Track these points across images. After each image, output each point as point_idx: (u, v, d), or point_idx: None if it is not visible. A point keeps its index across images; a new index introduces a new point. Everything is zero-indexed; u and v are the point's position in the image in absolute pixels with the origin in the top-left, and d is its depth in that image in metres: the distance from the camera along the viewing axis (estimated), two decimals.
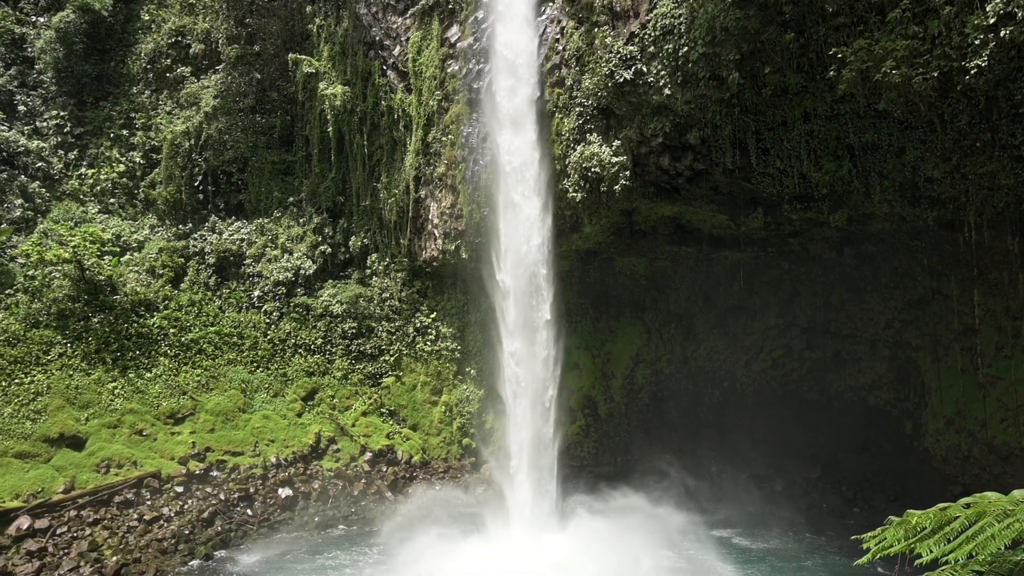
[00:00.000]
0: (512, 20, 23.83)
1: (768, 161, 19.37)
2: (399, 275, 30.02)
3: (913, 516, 5.27)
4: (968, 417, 23.43)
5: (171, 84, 32.23)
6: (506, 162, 23.97)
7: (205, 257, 29.24)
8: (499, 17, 24.27)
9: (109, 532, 20.76)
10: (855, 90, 16.21)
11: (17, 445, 21.80)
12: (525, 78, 23.50)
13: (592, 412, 29.45)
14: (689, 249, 26.22)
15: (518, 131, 23.69)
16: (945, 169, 17.20)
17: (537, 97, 23.38)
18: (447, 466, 28.02)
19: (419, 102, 28.22)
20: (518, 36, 23.75)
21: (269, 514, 23.76)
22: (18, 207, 27.54)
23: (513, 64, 23.75)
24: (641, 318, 30.75)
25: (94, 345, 25.00)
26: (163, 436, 24.28)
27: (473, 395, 28.77)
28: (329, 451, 26.64)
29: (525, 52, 23.59)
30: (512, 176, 23.88)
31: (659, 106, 19.54)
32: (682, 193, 21.85)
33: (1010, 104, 15.04)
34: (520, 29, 23.75)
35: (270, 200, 30.97)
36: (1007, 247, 20.20)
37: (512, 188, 23.93)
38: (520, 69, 23.62)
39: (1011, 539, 4.50)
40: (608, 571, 19.23)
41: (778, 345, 29.64)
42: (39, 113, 30.38)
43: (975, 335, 23.17)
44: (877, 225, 21.30)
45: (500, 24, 24.24)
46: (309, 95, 30.98)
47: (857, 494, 25.67)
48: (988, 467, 22.56)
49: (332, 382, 28.40)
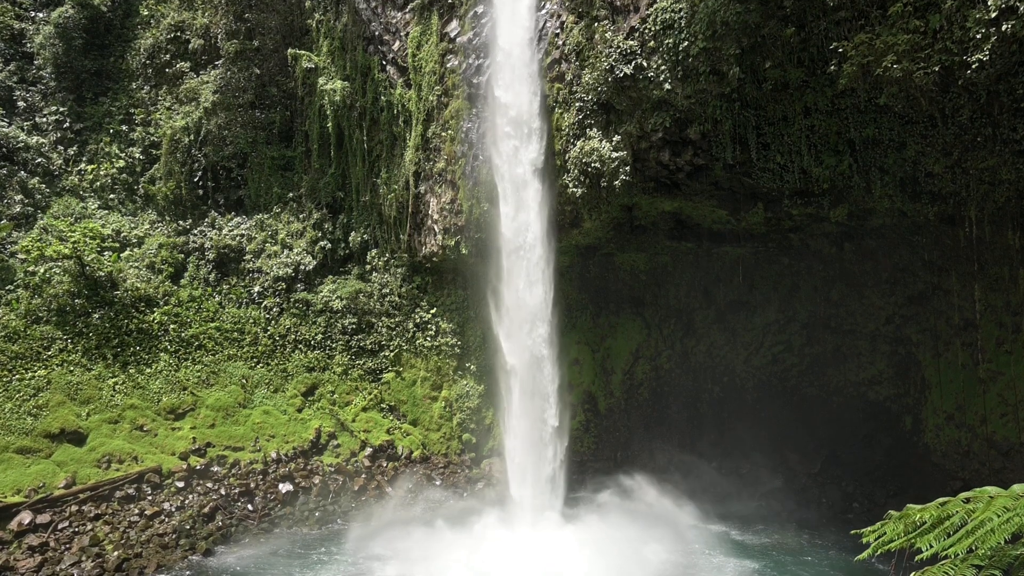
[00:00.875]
0: (512, 15, 23.77)
1: (768, 156, 19.34)
2: (399, 271, 30.01)
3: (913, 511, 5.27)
4: (968, 412, 23.45)
5: (170, 79, 32.17)
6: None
7: (205, 253, 29.23)
8: (499, 12, 24.22)
9: (110, 527, 20.80)
10: (856, 85, 16.17)
11: (18, 441, 21.83)
12: (525, 73, 23.45)
13: (592, 407, 29.47)
14: (689, 244, 26.21)
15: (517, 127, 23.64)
16: (946, 164, 17.17)
17: (537, 92, 23.32)
18: (447, 461, 28.07)
19: (419, 97, 28.17)
20: (518, 31, 23.69)
21: (270, 509, 23.81)
22: (18, 203, 27.52)
23: (512, 59, 23.69)
24: (641, 314, 30.75)
25: (94, 341, 25.01)
26: (164, 431, 24.31)
27: (473, 390, 28.79)
28: (329, 446, 26.68)
29: (525, 47, 23.54)
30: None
31: (659, 101, 19.50)
32: (682, 188, 21.82)
33: (1011, 99, 15.00)
34: (520, 24, 23.69)
35: (270, 196, 30.94)
36: (1008, 242, 20.18)
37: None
38: (520, 64, 23.56)
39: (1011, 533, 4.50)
40: (607, 566, 19.27)
41: (778, 341, 29.64)
42: (38, 109, 30.32)
43: (975, 330, 23.17)
44: (877, 220, 21.27)
45: (500, 19, 24.18)
46: (308, 90, 30.92)
47: (857, 489, 25.70)
48: (988, 462, 22.59)
49: (332, 378, 28.43)
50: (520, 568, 19.15)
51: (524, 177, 23.60)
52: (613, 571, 18.96)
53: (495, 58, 24.44)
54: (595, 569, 19.06)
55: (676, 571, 19.21)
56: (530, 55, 23.37)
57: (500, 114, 24.12)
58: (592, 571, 18.94)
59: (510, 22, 23.84)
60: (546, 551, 20.36)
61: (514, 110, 23.61)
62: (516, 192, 23.81)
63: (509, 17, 23.86)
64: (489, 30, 24.88)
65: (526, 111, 23.40)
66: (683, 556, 20.56)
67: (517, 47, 23.61)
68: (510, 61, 23.77)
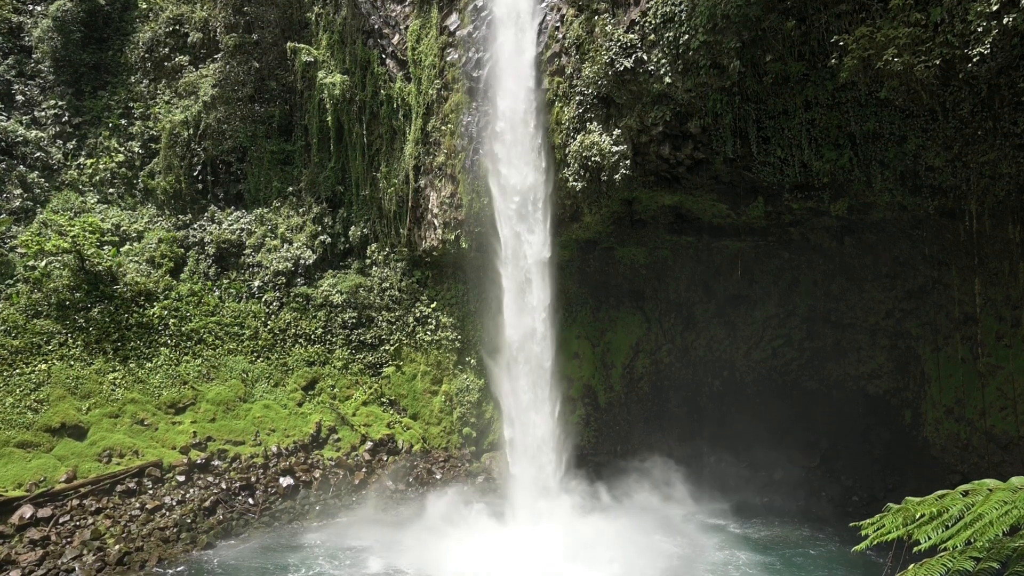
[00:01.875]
0: (511, 8, 23.69)
1: (769, 150, 19.32)
2: (399, 265, 30.00)
3: (911, 504, 5.29)
4: (967, 406, 23.49)
5: (169, 73, 32.08)
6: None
7: (205, 247, 29.21)
8: (498, 5, 24.13)
9: (111, 521, 20.86)
10: (857, 78, 16.14)
11: (19, 435, 21.86)
12: (525, 67, 23.39)
13: (592, 401, 29.51)
14: (689, 238, 26.19)
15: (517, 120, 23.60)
16: (946, 158, 17.14)
17: (537, 86, 23.27)
18: (447, 455, 28.13)
19: (418, 91, 28.10)
20: (518, 24, 23.62)
21: (270, 503, 23.87)
22: (17, 197, 27.49)
23: (512, 52, 23.62)
24: (641, 308, 30.76)
25: (95, 335, 25.03)
26: (164, 426, 24.35)
27: (473, 385, 28.82)
28: (330, 440, 26.73)
29: (525, 40, 23.47)
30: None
31: (660, 95, 19.46)
32: (682, 182, 21.79)
33: (1012, 92, 14.97)
34: (519, 17, 23.62)
35: (269, 190, 30.90)
36: (1008, 236, 20.18)
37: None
38: (519, 57, 23.50)
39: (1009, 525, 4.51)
40: (607, 558, 19.35)
41: (778, 334, 29.66)
42: (37, 103, 30.24)
43: (975, 324, 23.18)
44: (878, 214, 21.26)
45: (499, 12, 24.10)
46: (308, 84, 30.85)
47: (856, 483, 25.77)
48: (987, 456, 22.63)
49: (332, 372, 28.45)
50: (515, 561, 19.21)
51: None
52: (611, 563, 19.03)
53: (495, 52, 24.36)
54: (593, 561, 19.13)
55: (675, 564, 19.29)
56: (530, 48, 23.30)
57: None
58: (592, 564, 19.01)
59: (510, 15, 23.76)
60: (544, 544, 20.42)
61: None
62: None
63: (509, 10, 23.78)
64: (489, 23, 24.81)
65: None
66: (682, 549, 20.64)
67: (517, 40, 23.53)
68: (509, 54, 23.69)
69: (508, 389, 25.24)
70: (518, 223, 24.05)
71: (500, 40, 24.06)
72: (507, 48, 23.83)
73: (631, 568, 18.80)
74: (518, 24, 23.63)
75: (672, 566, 19.10)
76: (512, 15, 23.74)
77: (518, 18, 23.64)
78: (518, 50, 23.55)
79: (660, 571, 18.68)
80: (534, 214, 23.82)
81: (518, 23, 23.63)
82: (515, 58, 23.60)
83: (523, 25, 23.54)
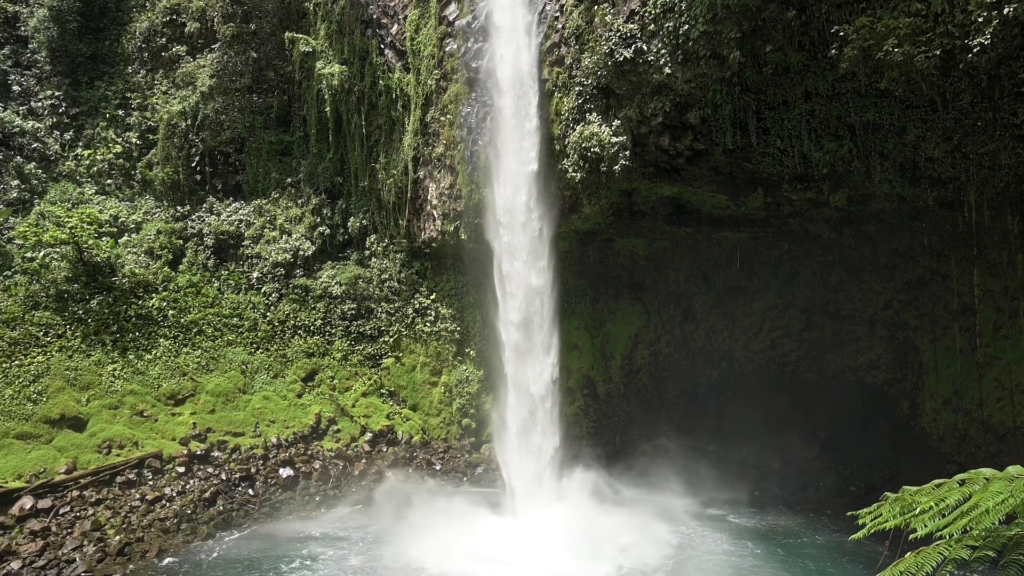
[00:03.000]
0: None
1: (768, 141, 19.28)
2: (398, 256, 29.97)
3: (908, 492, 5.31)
4: (965, 397, 23.57)
5: (166, 63, 31.92)
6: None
7: (203, 238, 29.17)
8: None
9: (112, 512, 20.92)
10: (857, 69, 16.10)
11: (18, 426, 21.89)
12: (524, 57, 23.29)
13: (591, 392, 29.58)
14: (688, 230, 26.18)
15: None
16: (946, 149, 17.13)
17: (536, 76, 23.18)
18: (447, 446, 28.20)
19: (417, 81, 27.99)
20: (517, 14, 23.50)
21: (270, 494, 23.94)
22: (14, 188, 27.41)
23: (512, 43, 23.51)
24: (640, 299, 30.78)
25: (93, 327, 25.02)
26: (164, 417, 24.39)
27: (472, 376, 28.87)
28: (330, 432, 26.79)
29: (524, 30, 23.36)
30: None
31: (659, 85, 19.39)
32: (682, 173, 21.76)
33: (1012, 83, 14.94)
34: (519, 7, 23.50)
35: (268, 181, 30.82)
36: (1007, 227, 20.19)
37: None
38: (519, 48, 23.39)
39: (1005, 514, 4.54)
40: (605, 548, 19.44)
41: (777, 326, 29.71)
42: (33, 93, 30.10)
43: (973, 315, 23.23)
44: (877, 205, 21.25)
45: (498, 1, 23.97)
46: (306, 74, 30.71)
47: (853, 473, 25.87)
48: (984, 446, 22.73)
49: (332, 363, 28.48)
50: (517, 551, 19.29)
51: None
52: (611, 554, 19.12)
53: (494, 42, 24.25)
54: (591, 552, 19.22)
55: (675, 554, 19.38)
56: (529, 39, 23.20)
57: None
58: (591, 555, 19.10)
59: (509, 5, 23.64)
60: (543, 535, 20.51)
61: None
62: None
63: (508, 0, 23.65)
64: (488, 13, 24.68)
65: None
66: (682, 539, 20.73)
67: (516, 31, 23.42)
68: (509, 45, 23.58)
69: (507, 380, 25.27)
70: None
71: (499, 30, 23.94)
72: (506, 38, 23.71)
73: (630, 559, 18.89)
74: (517, 14, 23.51)
75: (672, 556, 19.20)
76: (511, 5, 23.62)
77: (517, 8, 23.52)
78: (517, 40, 23.44)
79: (660, 561, 18.77)
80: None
81: (517, 13, 23.51)
82: (514, 48, 23.49)
83: (522, 15, 23.42)
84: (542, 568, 18.32)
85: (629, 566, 18.40)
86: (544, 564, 18.51)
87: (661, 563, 18.68)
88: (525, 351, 24.65)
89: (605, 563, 18.55)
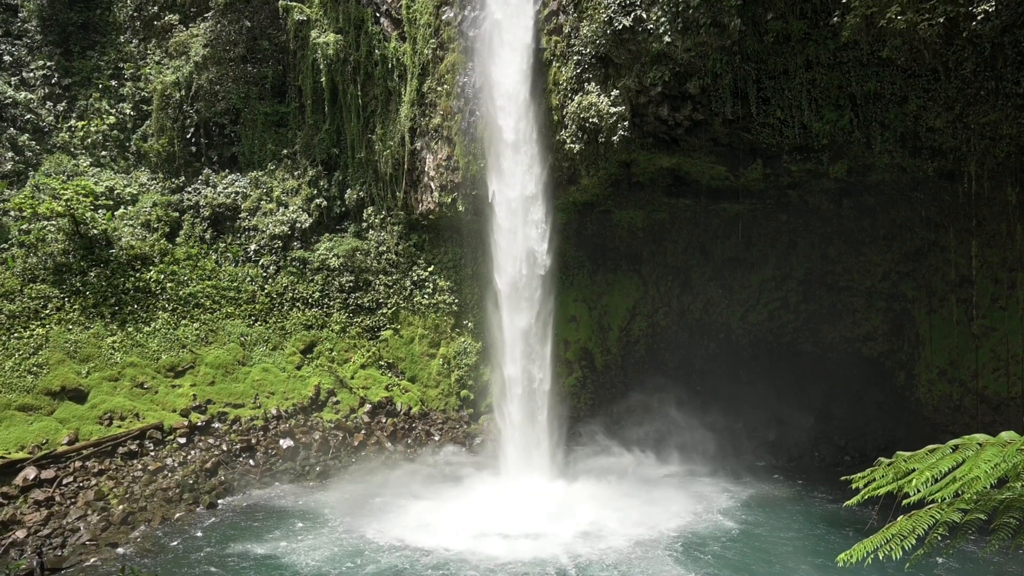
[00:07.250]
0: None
1: (768, 111, 19.10)
2: (396, 228, 29.86)
3: (902, 458, 5.37)
4: (960, 368, 23.73)
5: (159, 32, 31.42)
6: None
7: (200, 211, 29.01)
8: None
9: (114, 482, 21.15)
10: (859, 37, 15.89)
11: (20, 398, 22.02)
12: (522, 25, 22.94)
13: (589, 364, 29.73)
14: (687, 201, 26.07)
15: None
16: (947, 119, 16.99)
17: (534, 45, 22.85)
18: (445, 417, 28.42)
19: (413, 51, 27.61)
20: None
21: (271, 464, 24.19)
22: (9, 160, 27.17)
23: (509, 10, 23.15)
24: (638, 271, 30.78)
25: (92, 299, 25.02)
26: (164, 389, 24.52)
27: (471, 348, 28.97)
28: (329, 403, 26.97)
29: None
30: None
31: (659, 54, 19.14)
32: (681, 144, 21.59)
33: (1016, 51, 14.77)
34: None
35: (264, 152, 30.56)
36: (1006, 198, 20.13)
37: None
38: (517, 16, 23.03)
39: (997, 478, 4.59)
40: (602, 518, 19.70)
41: (774, 297, 29.77)
42: (25, 63, 29.67)
43: (971, 286, 23.28)
44: (877, 176, 21.15)
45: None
46: (301, 44, 30.26)
47: (848, 443, 26.17)
48: (979, 416, 22.94)
49: (330, 335, 28.56)
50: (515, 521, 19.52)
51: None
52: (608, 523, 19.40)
53: (491, 10, 23.86)
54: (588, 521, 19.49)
55: (672, 522, 19.65)
56: (527, 6, 22.82)
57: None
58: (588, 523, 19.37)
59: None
60: (540, 504, 20.76)
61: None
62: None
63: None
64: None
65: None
66: (677, 506, 21.01)
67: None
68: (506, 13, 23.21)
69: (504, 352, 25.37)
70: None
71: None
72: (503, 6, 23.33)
73: (627, 526, 19.15)
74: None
75: (669, 524, 19.47)
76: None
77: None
78: (515, 8, 23.06)
79: (658, 530, 19.03)
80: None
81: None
82: (512, 16, 23.13)
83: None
84: (539, 539, 18.55)
85: (624, 533, 18.66)
86: (541, 534, 18.75)
87: (659, 532, 18.92)
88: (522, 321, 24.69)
89: (604, 533, 18.81)
